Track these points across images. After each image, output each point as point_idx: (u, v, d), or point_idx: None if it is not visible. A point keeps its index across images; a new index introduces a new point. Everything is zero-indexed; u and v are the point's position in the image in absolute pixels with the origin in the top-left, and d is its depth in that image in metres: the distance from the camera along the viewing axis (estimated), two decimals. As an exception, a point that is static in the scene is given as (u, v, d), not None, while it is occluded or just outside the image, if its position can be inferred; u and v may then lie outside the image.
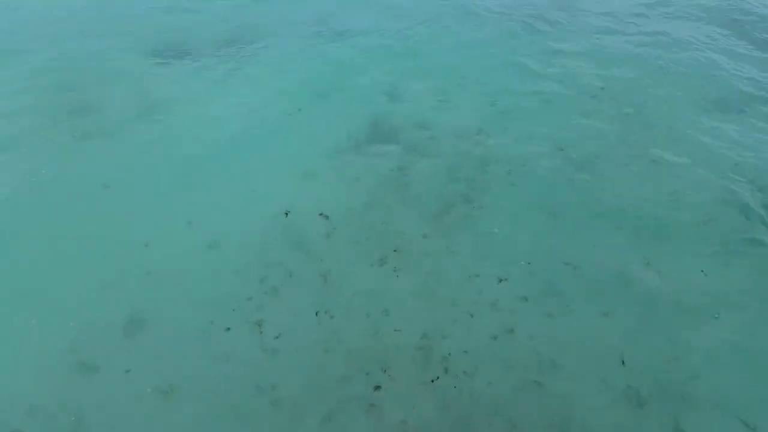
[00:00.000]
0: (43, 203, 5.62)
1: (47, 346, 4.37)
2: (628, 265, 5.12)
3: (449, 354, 4.40)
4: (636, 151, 6.54)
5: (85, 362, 4.28)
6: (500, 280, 4.98)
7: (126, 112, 6.99)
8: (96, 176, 5.97)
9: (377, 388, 4.18)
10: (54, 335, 4.46)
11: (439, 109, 7.32)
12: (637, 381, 4.23)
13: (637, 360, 4.37)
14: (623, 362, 4.33)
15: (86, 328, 4.51)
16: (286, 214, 5.57)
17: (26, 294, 4.74)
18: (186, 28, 9.23)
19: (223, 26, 9.31)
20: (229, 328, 4.55)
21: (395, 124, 6.95)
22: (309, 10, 9.98)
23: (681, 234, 5.46)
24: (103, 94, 7.33)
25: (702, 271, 5.08)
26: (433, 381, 4.22)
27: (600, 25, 9.65)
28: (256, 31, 9.09)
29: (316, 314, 4.64)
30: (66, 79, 7.62)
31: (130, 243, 5.18)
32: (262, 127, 6.90)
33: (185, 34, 9.01)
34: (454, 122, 7.04)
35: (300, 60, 8.40)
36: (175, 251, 5.14)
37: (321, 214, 5.58)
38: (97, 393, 4.11)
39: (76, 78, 7.68)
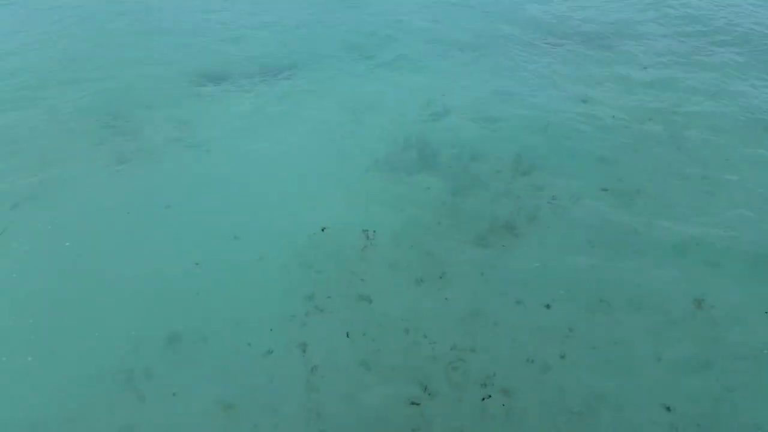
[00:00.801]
0: (91, 227, 5.80)
1: (94, 363, 4.48)
2: (681, 300, 4.96)
3: (493, 374, 4.36)
4: (691, 180, 6.39)
5: (132, 381, 4.37)
6: (547, 306, 4.90)
7: (169, 135, 7.24)
8: (143, 198, 6.19)
9: (418, 405, 4.15)
10: (102, 352, 4.57)
11: (484, 132, 7.35)
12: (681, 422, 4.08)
13: (683, 397, 4.22)
14: (668, 408, 4.17)
15: (135, 344, 4.62)
16: (323, 229, 5.65)
17: (76, 309, 4.90)
18: (228, 55, 9.59)
19: (264, 53, 9.63)
20: (271, 351, 4.59)
21: (438, 146, 7.00)
22: (347, 36, 10.28)
23: (740, 269, 5.26)
24: (146, 119, 7.62)
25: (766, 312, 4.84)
26: (483, 399, 4.19)
27: (655, 50, 9.59)
28: (297, 58, 9.39)
29: (348, 335, 4.67)
30: (110, 105, 7.94)
31: (179, 262, 5.33)
32: (303, 147, 7.05)
33: (227, 61, 9.35)
34: (500, 145, 7.05)
35: (340, 83, 8.62)
36: (221, 270, 5.26)
37: (365, 231, 5.63)
38: (144, 412, 4.19)
39: (120, 103, 8.00)
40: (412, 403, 4.20)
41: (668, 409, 4.17)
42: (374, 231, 5.66)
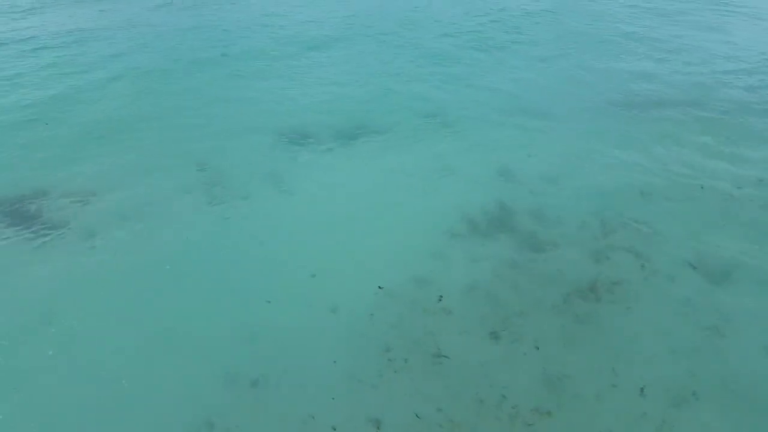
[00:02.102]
0: (179, 267, 6.34)
1: (177, 399, 4.89)
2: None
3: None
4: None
5: (210, 421, 4.72)
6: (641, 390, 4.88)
7: (255, 185, 7.91)
8: (229, 239, 6.76)
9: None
10: (184, 388, 4.98)
11: (557, 196, 7.48)
12: None
13: None
14: None
15: (219, 380, 5.01)
16: (380, 287, 5.92)
17: (164, 347, 5.39)
18: (308, 117, 10.32)
19: (341, 117, 10.34)
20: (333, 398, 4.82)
21: (512, 208, 7.18)
22: (418, 103, 10.90)
23: None
24: (235, 170, 8.36)
25: None
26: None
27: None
28: (372, 120, 10.05)
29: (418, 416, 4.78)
30: (204, 156, 8.78)
31: (255, 299, 5.79)
32: (380, 202, 7.46)
33: (308, 122, 10.08)
34: (574, 209, 7.13)
35: (416, 144, 9.12)
36: (297, 314, 5.67)
37: (440, 298, 5.83)
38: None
39: (212, 155, 8.82)
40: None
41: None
42: (448, 289, 5.85)
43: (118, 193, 7.80)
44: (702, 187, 7.52)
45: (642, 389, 4.84)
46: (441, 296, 5.79)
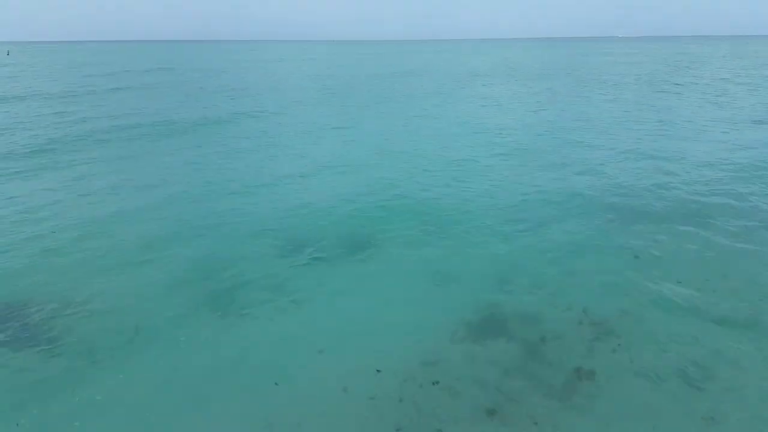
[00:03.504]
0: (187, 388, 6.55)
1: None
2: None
3: None
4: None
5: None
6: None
7: (261, 294, 8.41)
8: (237, 353, 7.07)
9: None
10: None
11: (546, 301, 8.21)
12: None
13: None
14: None
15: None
16: (378, 371, 6.50)
17: None
18: (311, 228, 11.18)
19: (345, 226, 11.23)
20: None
21: (507, 313, 7.83)
22: (422, 213, 11.98)
23: None
24: (240, 281, 8.82)
25: None
26: None
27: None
28: (372, 234, 10.84)
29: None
30: (206, 273, 9.16)
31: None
32: (381, 311, 8.05)
33: (311, 233, 10.86)
34: (563, 307, 7.94)
35: (418, 253, 9.89)
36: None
37: (435, 383, 6.25)
38: None
39: (216, 271, 9.20)
40: None
41: None
42: (446, 380, 6.41)
43: (121, 307, 7.98)
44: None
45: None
46: (437, 381, 6.23)
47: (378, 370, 6.51)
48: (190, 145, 19.24)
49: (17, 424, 5.72)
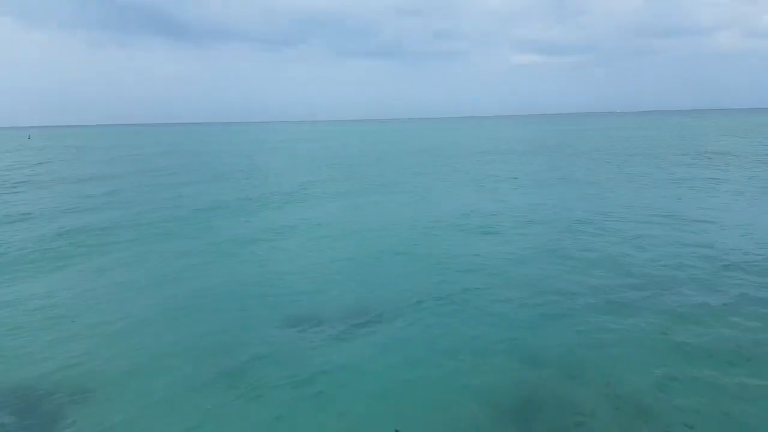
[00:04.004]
0: None
1: None
2: None
3: None
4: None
5: None
6: None
7: (270, 374, 8.23)
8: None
9: None
10: None
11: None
12: None
13: None
14: None
15: None
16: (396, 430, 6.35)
17: None
18: (316, 301, 11.29)
19: (350, 299, 11.29)
20: None
21: (538, 395, 7.50)
22: (427, 281, 12.11)
23: None
24: (249, 355, 8.79)
25: None
26: None
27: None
28: (379, 304, 10.85)
29: None
30: (217, 345, 9.30)
31: None
32: (399, 386, 7.82)
33: (316, 306, 10.98)
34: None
35: (426, 331, 9.70)
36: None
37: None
38: None
39: (225, 344, 9.31)
40: None
41: None
42: None
43: (133, 394, 7.81)
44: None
45: None
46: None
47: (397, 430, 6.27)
48: (198, 232, 19.56)
49: None
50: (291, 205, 23.58)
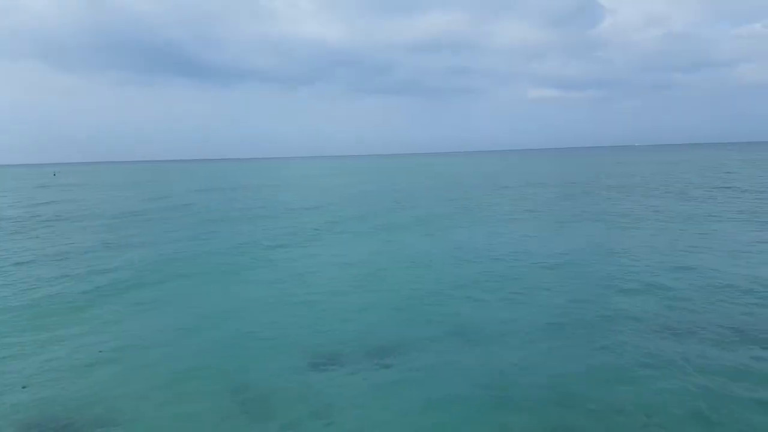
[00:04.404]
0: None
1: None
2: None
3: None
4: None
5: None
6: None
7: (295, 412, 8.31)
8: None
9: None
10: None
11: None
12: None
13: None
14: None
15: None
16: None
17: None
18: (336, 335, 11.43)
19: (369, 334, 11.41)
20: None
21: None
22: (447, 321, 12.09)
23: None
24: (272, 394, 8.89)
25: None
26: None
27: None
28: (400, 343, 10.87)
29: None
30: (237, 382, 9.36)
31: None
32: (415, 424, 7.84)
33: (337, 341, 11.11)
34: None
35: (449, 367, 9.69)
36: None
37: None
38: None
39: (246, 380, 9.41)
40: None
41: None
42: None
43: (154, 425, 8.01)
44: None
45: None
46: None
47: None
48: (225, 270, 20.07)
49: None
50: (315, 240, 23.88)
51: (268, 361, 10.26)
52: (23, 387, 9.31)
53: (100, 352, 10.88)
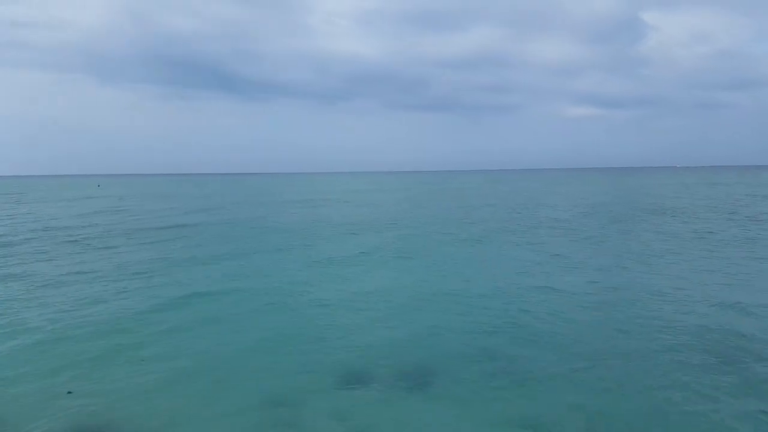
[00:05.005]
0: None
1: None
2: None
3: None
4: None
5: None
6: None
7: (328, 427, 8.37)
8: None
9: None
10: None
11: None
12: None
13: None
14: None
15: None
16: None
17: None
18: (368, 357, 11.28)
19: (400, 357, 11.25)
20: None
21: None
22: (478, 345, 11.82)
23: None
24: (305, 411, 8.92)
25: None
26: None
27: None
28: (432, 363, 10.77)
29: None
30: (269, 398, 9.39)
31: None
32: None
33: (368, 362, 10.97)
34: None
35: (481, 394, 9.44)
36: None
37: None
38: None
39: (278, 399, 9.33)
40: None
41: None
42: None
43: None
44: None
45: None
46: None
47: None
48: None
49: None
50: (354, 258, 23.96)
51: (304, 376, 10.24)
52: (68, 392, 9.51)
53: (142, 361, 11.06)
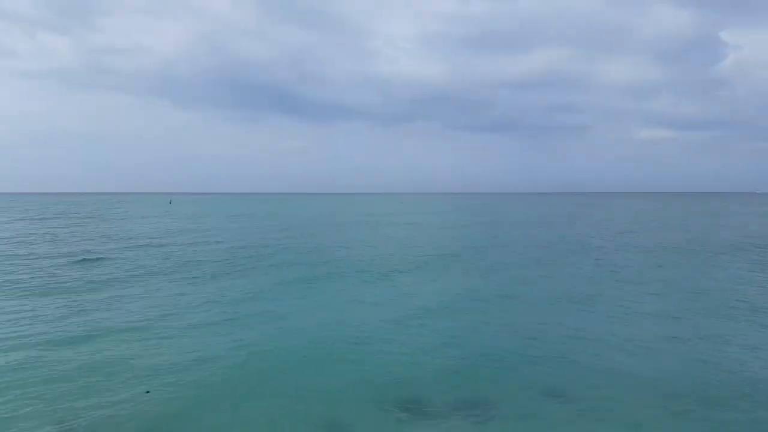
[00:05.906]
0: None
1: None
2: None
3: None
4: None
5: None
6: None
7: None
8: None
9: None
10: None
11: None
12: None
13: None
14: None
15: None
16: None
17: None
18: (420, 382, 11.33)
19: (456, 381, 11.33)
20: None
21: None
22: (541, 374, 11.74)
23: None
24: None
25: None
26: None
27: None
28: (490, 392, 10.75)
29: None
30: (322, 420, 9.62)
31: None
32: None
33: (422, 386, 11.05)
34: None
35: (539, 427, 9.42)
36: None
37: None
38: None
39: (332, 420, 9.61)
40: None
41: None
42: None
43: None
44: None
45: None
46: None
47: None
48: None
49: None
50: (413, 276, 24.52)
51: (360, 400, 10.35)
52: (146, 392, 10.48)
53: (211, 368, 11.95)
